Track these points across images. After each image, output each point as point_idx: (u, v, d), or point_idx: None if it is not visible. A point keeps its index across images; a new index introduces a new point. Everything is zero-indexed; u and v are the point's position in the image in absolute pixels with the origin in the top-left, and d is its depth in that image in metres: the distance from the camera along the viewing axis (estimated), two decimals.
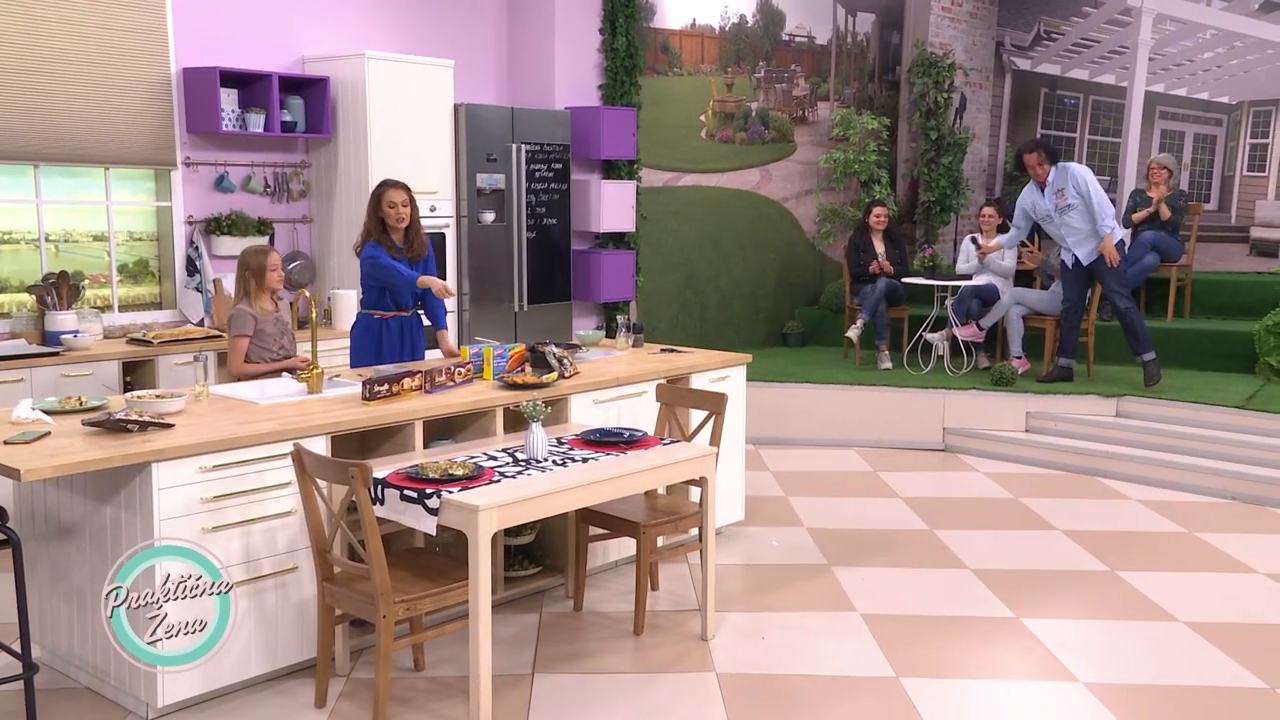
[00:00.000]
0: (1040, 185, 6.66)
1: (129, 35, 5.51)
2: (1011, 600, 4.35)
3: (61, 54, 5.29)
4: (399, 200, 4.69)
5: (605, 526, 4.10)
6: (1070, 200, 6.54)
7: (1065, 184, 6.55)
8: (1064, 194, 6.57)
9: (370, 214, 4.75)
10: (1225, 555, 4.93)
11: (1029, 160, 6.64)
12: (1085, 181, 6.56)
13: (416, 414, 3.78)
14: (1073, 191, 6.54)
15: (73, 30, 5.32)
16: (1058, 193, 6.59)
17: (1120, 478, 6.20)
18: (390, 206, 4.68)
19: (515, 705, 3.42)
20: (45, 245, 5.49)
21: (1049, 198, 6.62)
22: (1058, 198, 6.59)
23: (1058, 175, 6.60)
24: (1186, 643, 3.96)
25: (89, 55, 5.38)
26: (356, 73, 5.95)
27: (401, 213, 4.70)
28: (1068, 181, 6.56)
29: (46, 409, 3.55)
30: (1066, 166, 6.62)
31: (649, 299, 7.79)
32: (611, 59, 7.37)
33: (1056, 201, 6.58)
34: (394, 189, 4.70)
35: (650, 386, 4.56)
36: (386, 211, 4.69)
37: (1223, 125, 9.65)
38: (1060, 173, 6.59)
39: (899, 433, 7.01)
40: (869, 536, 5.15)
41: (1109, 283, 6.66)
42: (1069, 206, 6.55)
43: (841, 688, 3.59)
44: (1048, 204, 6.62)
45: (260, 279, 4.46)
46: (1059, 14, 10.24)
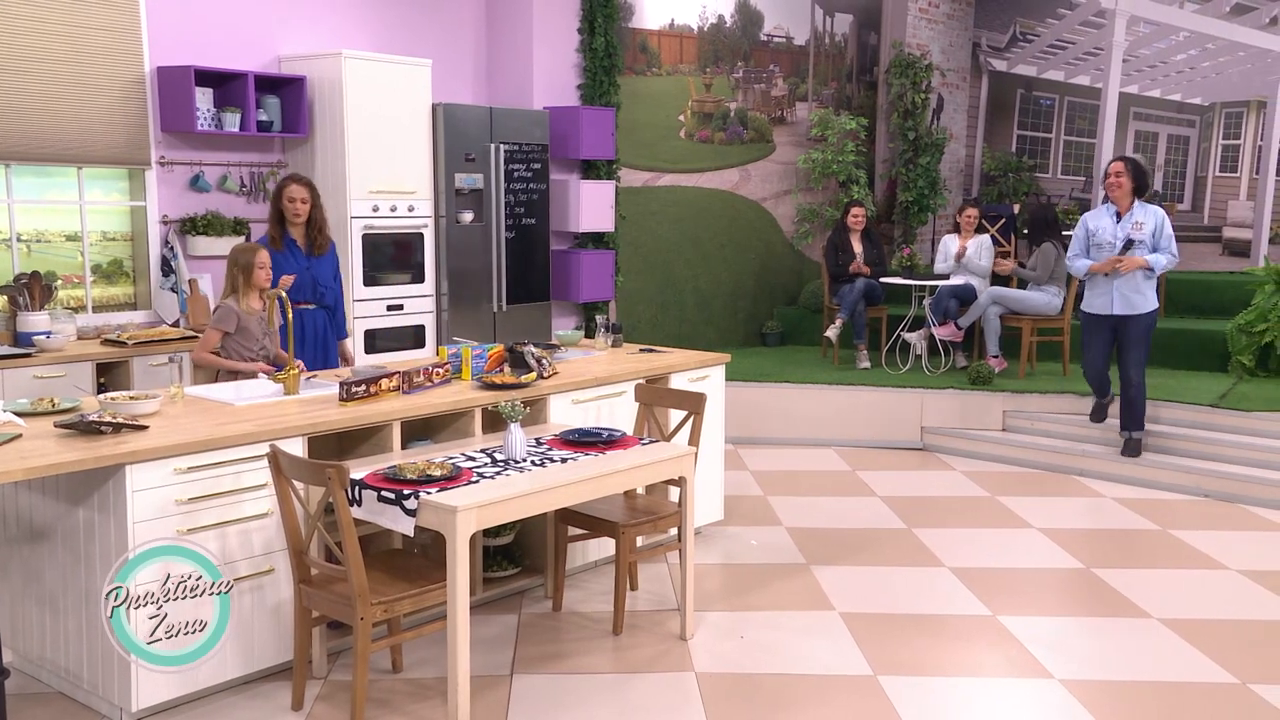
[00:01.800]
0: (1118, 211, 5.84)
1: (102, 33, 5.45)
2: (988, 598, 4.37)
3: (33, 52, 5.23)
4: (299, 196, 4.88)
5: (584, 527, 4.09)
6: (1144, 238, 5.75)
7: (1149, 221, 5.75)
8: (1142, 228, 5.75)
9: (271, 206, 4.97)
10: (1199, 552, 4.98)
11: (1113, 170, 5.80)
12: (1166, 226, 5.79)
13: (394, 415, 3.77)
14: (1150, 233, 5.76)
15: (44, 28, 5.26)
16: (1136, 224, 5.77)
17: (1096, 476, 6.25)
18: (289, 201, 4.86)
19: (494, 706, 3.41)
20: (17, 245, 5.43)
21: (1124, 225, 5.78)
22: (1134, 229, 5.77)
23: (1141, 208, 5.80)
24: (1161, 639, 4.00)
25: (61, 53, 5.32)
26: (333, 72, 5.92)
27: (300, 208, 4.88)
28: (1152, 219, 5.77)
29: (18, 411, 3.51)
30: (1150, 205, 5.86)
31: (628, 299, 7.79)
32: (590, 59, 7.37)
33: (1131, 233, 5.77)
34: (296, 184, 4.89)
35: (629, 386, 4.56)
36: (285, 205, 4.87)
37: (1195, 126, 9.75)
38: (1145, 207, 5.81)
39: (877, 432, 7.04)
40: (847, 536, 5.17)
41: (1135, 351, 5.87)
42: (1141, 244, 5.76)
43: (820, 686, 3.60)
44: (1119, 233, 5.78)
45: (249, 276, 4.45)
46: (1034, 15, 10.32)
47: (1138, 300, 5.80)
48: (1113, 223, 5.83)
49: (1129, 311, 5.81)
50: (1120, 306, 5.82)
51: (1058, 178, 10.34)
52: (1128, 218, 5.78)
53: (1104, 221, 5.87)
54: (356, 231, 6.00)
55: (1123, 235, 5.77)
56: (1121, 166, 5.78)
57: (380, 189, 6.09)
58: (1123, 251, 5.75)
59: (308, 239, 4.97)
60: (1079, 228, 6.00)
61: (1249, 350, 7.11)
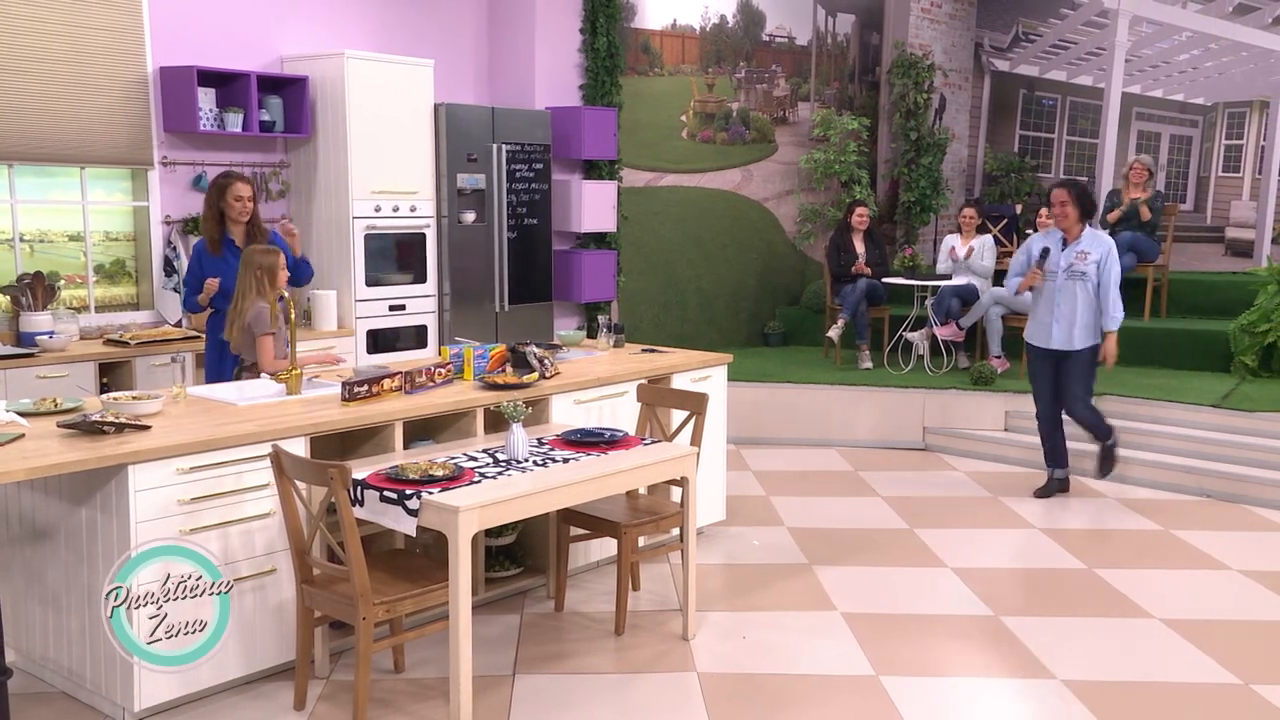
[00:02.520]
0: (1063, 236, 5.49)
1: (104, 33, 5.46)
2: (990, 598, 4.37)
3: (35, 52, 5.24)
4: (245, 194, 4.71)
5: (586, 527, 4.10)
6: (1088, 269, 5.40)
7: (1095, 250, 5.41)
8: (1086, 258, 5.41)
9: (209, 206, 4.74)
10: (1201, 553, 4.97)
11: (1056, 198, 5.43)
12: (1111, 259, 5.43)
13: (396, 415, 3.77)
14: (1095, 263, 5.41)
15: (47, 28, 5.26)
16: (1080, 254, 5.43)
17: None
18: (236, 199, 4.70)
19: (496, 706, 3.41)
20: (20, 245, 5.43)
21: (1069, 253, 5.44)
22: (1078, 259, 5.43)
23: (1091, 236, 5.46)
24: (1163, 639, 4.00)
25: (64, 53, 5.33)
26: (336, 72, 5.92)
27: (246, 206, 4.72)
28: (1099, 248, 5.42)
29: (21, 411, 3.51)
30: (1100, 233, 5.54)
31: (630, 299, 7.80)
32: (592, 59, 7.37)
33: (1074, 262, 5.43)
34: (242, 182, 4.72)
35: (631, 387, 4.56)
36: (231, 204, 4.69)
37: (1198, 126, 9.75)
38: (1095, 236, 5.47)
39: (879, 432, 7.04)
40: (849, 536, 5.16)
41: (1076, 386, 5.54)
42: (1083, 275, 5.41)
43: (822, 686, 3.60)
44: (1061, 260, 5.45)
45: (274, 279, 4.38)
46: (1037, 16, 10.31)
47: (1078, 335, 5.46)
48: (1058, 249, 5.47)
49: (1068, 346, 5.49)
50: (1060, 339, 5.49)
51: (1060, 177, 10.32)
52: (1075, 245, 5.43)
53: (1050, 242, 5.53)
54: (359, 231, 6.01)
55: (1064, 263, 5.43)
56: (1065, 194, 5.39)
57: (382, 189, 6.10)
58: (1038, 263, 5.46)
59: (248, 238, 4.79)
60: (1021, 250, 5.71)
61: (1252, 350, 7.11)
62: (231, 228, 4.77)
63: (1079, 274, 5.41)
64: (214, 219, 4.74)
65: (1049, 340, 5.53)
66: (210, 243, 4.75)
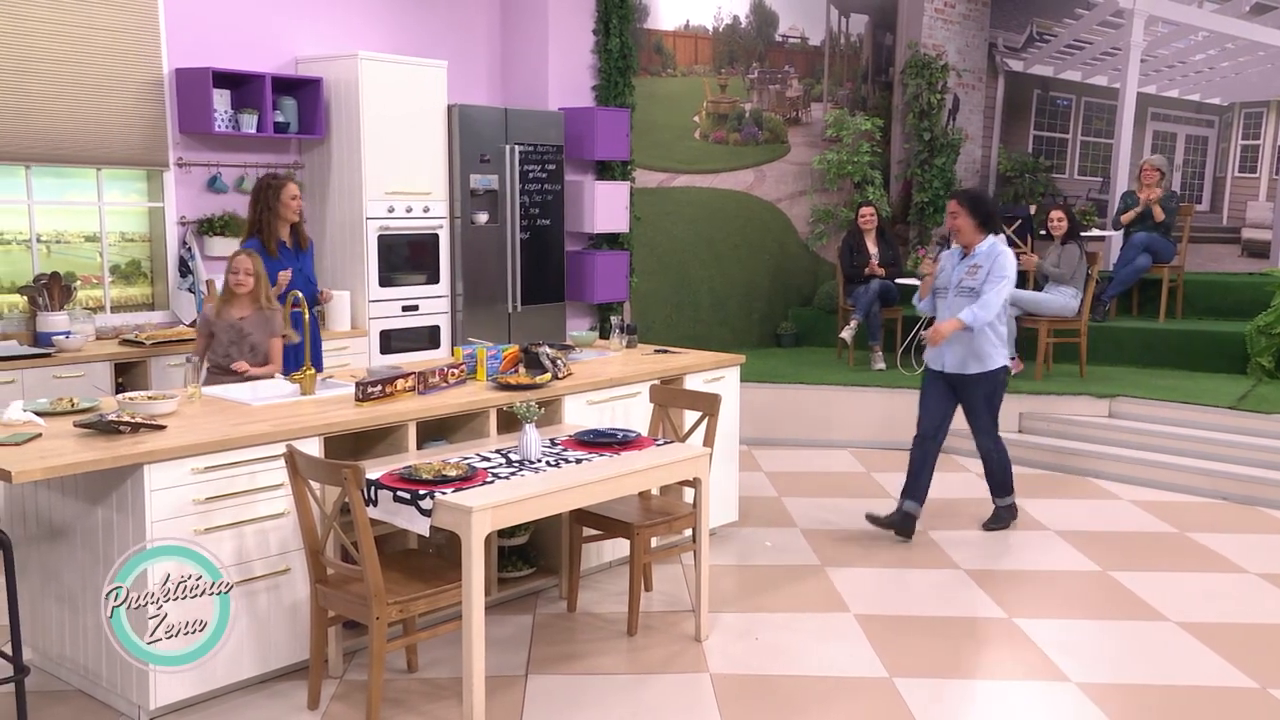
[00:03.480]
0: (963, 248, 4.94)
1: (120, 35, 5.49)
2: (1004, 600, 4.36)
3: (52, 54, 5.27)
4: (298, 193, 4.91)
5: (599, 527, 4.10)
6: (977, 284, 4.82)
7: (988, 265, 4.82)
8: (977, 273, 4.84)
9: (261, 209, 4.84)
10: (1217, 555, 4.94)
11: (949, 209, 4.95)
12: (997, 266, 4.81)
13: (410, 415, 3.78)
14: (985, 276, 4.81)
15: (63, 30, 5.30)
16: (972, 268, 4.87)
17: (1112, 478, 6.22)
18: (292, 199, 4.86)
19: (509, 706, 3.42)
20: (37, 246, 5.47)
21: (961, 268, 4.90)
22: (969, 274, 4.87)
23: (986, 247, 4.87)
24: (1178, 642, 3.97)
25: (80, 56, 5.36)
26: (350, 73, 5.94)
27: (299, 206, 4.91)
28: (992, 263, 4.82)
29: (38, 410, 3.54)
30: (1000, 247, 4.88)
31: (643, 300, 7.80)
32: (605, 60, 7.37)
33: (964, 278, 4.87)
34: (291, 182, 4.89)
35: (644, 387, 4.56)
36: (288, 204, 4.86)
37: (1214, 127, 9.69)
38: (990, 245, 4.87)
39: (892, 433, 7.01)
40: (862, 537, 5.15)
41: (977, 419, 5.04)
42: (972, 291, 4.83)
43: (835, 688, 3.59)
44: (954, 276, 4.92)
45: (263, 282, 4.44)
46: (1051, 15, 10.27)
47: (971, 360, 4.88)
48: (953, 263, 4.96)
49: (961, 370, 4.91)
50: (952, 363, 4.92)
51: (1074, 178, 10.29)
52: (969, 258, 4.89)
53: (948, 260, 5.00)
54: (372, 232, 6.03)
55: (956, 279, 4.90)
56: (955, 205, 4.90)
57: (396, 190, 6.11)
58: (955, 292, 4.90)
59: (295, 236, 4.95)
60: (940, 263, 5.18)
61: (1268, 352, 7.06)
62: (280, 228, 4.86)
63: (968, 290, 4.83)
64: (270, 222, 4.83)
65: (941, 362, 4.98)
66: (269, 246, 4.83)
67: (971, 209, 4.87)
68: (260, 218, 4.86)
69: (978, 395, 4.98)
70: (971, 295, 4.82)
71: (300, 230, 5.01)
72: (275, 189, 4.84)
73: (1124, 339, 7.74)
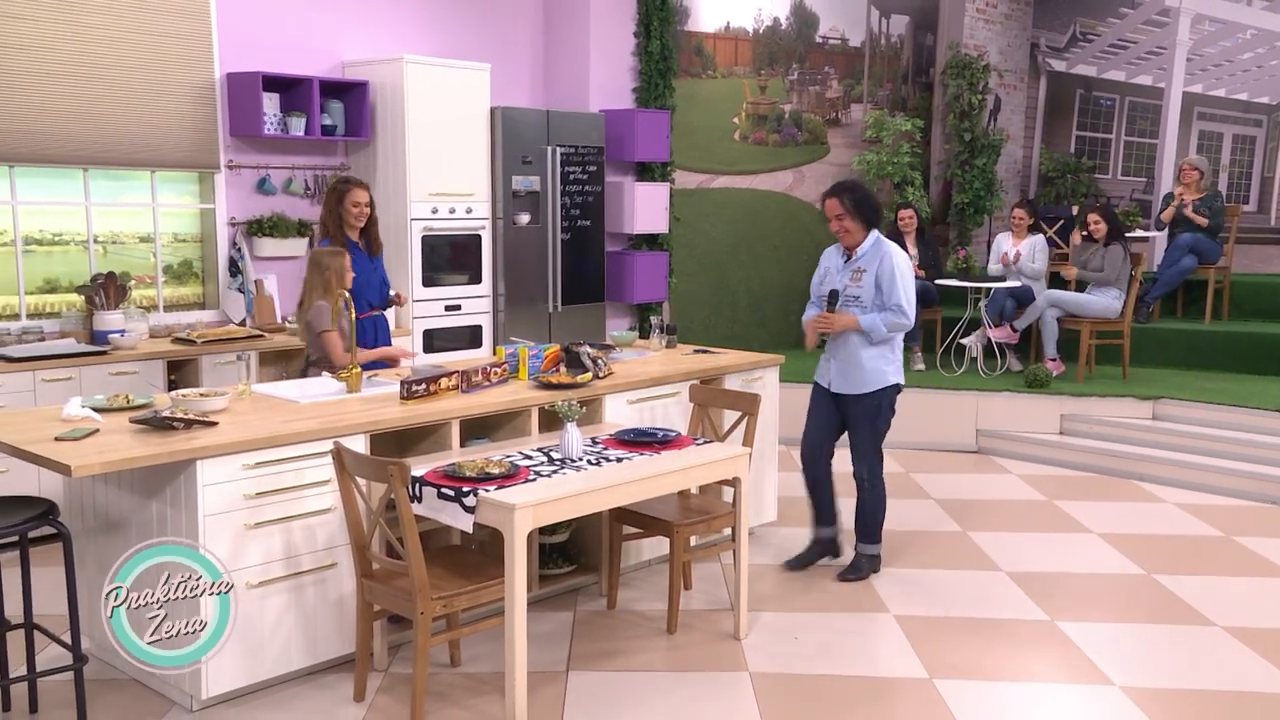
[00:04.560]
0: (846, 250, 4.40)
1: (174, 41, 5.59)
2: (1045, 603, 4.30)
3: (109, 60, 5.38)
4: (363, 200, 4.79)
5: (639, 526, 4.10)
6: (861, 292, 4.31)
7: (875, 268, 4.29)
8: (861, 278, 4.31)
9: (330, 211, 4.80)
10: (1264, 560, 4.84)
11: (828, 211, 4.34)
12: (884, 268, 4.27)
13: (453, 413, 3.81)
14: (873, 281, 4.27)
15: (120, 37, 5.40)
16: (855, 273, 4.33)
17: (1156, 481, 6.11)
18: (354, 205, 4.76)
19: (550, 702, 3.43)
20: (94, 247, 5.58)
21: (844, 274, 4.37)
22: (853, 279, 4.34)
23: (869, 246, 4.33)
24: (1224, 647, 3.90)
25: (136, 61, 5.47)
26: (395, 77, 6.00)
27: (365, 212, 4.80)
28: (876, 265, 4.29)
29: (95, 407, 3.61)
30: (883, 243, 4.33)
31: (682, 300, 7.79)
32: (645, 62, 7.38)
33: (848, 284, 4.34)
34: (360, 188, 4.80)
35: (683, 387, 4.56)
36: (349, 209, 4.76)
37: (1262, 126, 9.48)
38: (873, 245, 4.33)
39: (932, 434, 6.95)
40: (901, 538, 5.11)
41: (861, 438, 4.42)
42: (856, 300, 4.31)
43: (875, 689, 3.56)
44: (838, 279, 4.39)
45: (342, 279, 4.46)
46: (1095, 15, 10.11)
47: (856, 375, 4.36)
48: (837, 266, 4.42)
49: (846, 390, 4.40)
50: (837, 380, 4.43)
51: (1118, 179, 10.13)
52: (852, 262, 4.34)
53: (833, 262, 4.44)
54: (416, 233, 6.08)
55: (840, 286, 4.36)
56: (836, 205, 4.30)
57: (439, 191, 6.16)
58: (828, 307, 4.35)
59: (366, 241, 4.92)
60: (819, 266, 4.60)
61: None
62: (349, 232, 4.81)
63: (852, 298, 4.31)
64: (335, 224, 4.78)
65: (827, 379, 4.49)
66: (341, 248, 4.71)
67: (856, 207, 4.28)
68: (327, 221, 4.83)
69: (858, 414, 4.40)
70: (856, 304, 4.30)
71: (373, 235, 4.90)
72: (340, 193, 4.78)
73: (1168, 340, 7.60)
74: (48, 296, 5.47)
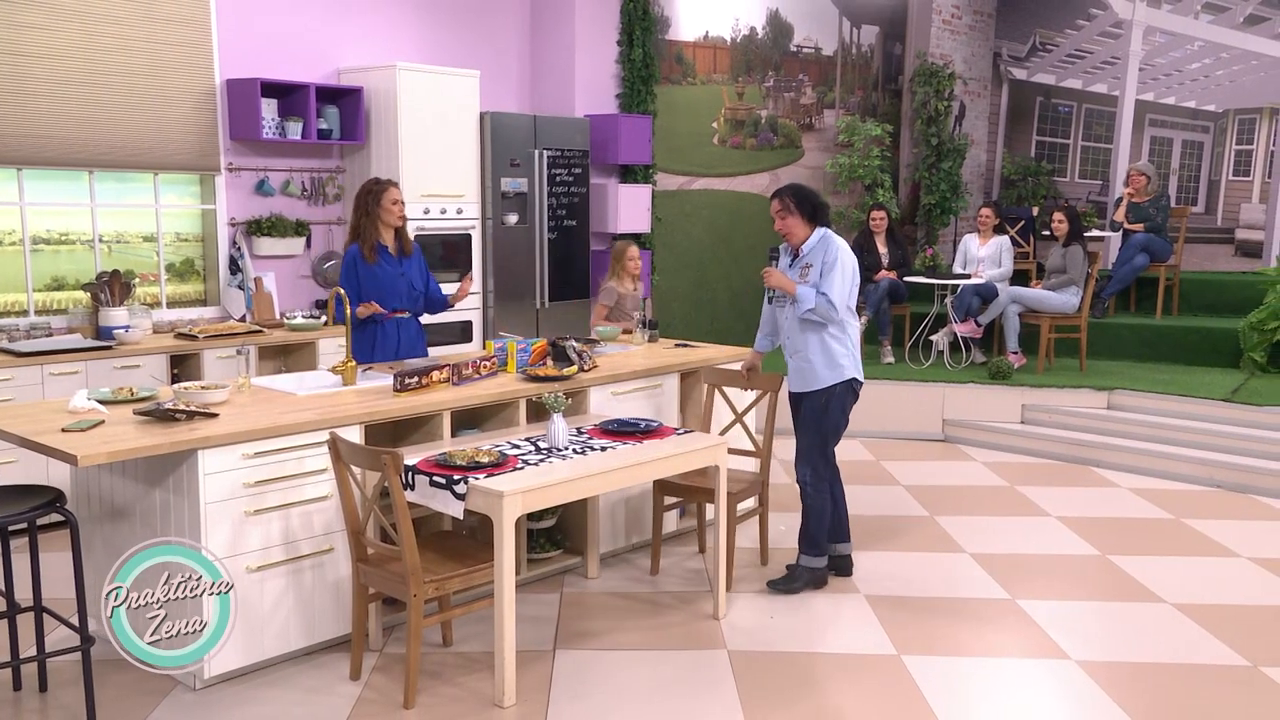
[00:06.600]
0: (793, 249, 4.14)
1: (176, 49, 5.53)
2: (1007, 583, 4.33)
3: (114, 68, 5.32)
4: (400, 198, 4.55)
5: (682, 495, 4.32)
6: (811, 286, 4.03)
7: (817, 261, 4.04)
8: (808, 273, 4.05)
9: (363, 212, 4.51)
10: (1211, 540, 4.89)
11: (772, 210, 4.12)
12: (827, 261, 4.00)
13: (445, 405, 3.79)
14: (818, 274, 4.02)
15: (125, 45, 5.35)
16: (804, 269, 4.07)
17: (1111, 467, 6.16)
18: (393, 203, 4.51)
19: (538, 678, 3.43)
20: (99, 246, 5.53)
21: (793, 271, 4.12)
22: (801, 275, 4.07)
23: (815, 241, 4.07)
24: (1174, 623, 3.94)
25: (140, 68, 5.41)
26: (388, 83, 5.96)
27: (402, 210, 4.56)
28: (820, 259, 4.03)
29: (100, 399, 3.58)
30: (830, 238, 4.07)
31: (664, 296, 7.79)
32: (629, 69, 7.36)
33: (797, 280, 4.08)
34: (394, 187, 4.54)
35: (665, 379, 4.57)
36: (389, 209, 4.50)
37: (1209, 132, 9.56)
38: (819, 240, 4.06)
39: (901, 424, 6.99)
40: (872, 522, 5.13)
41: (809, 443, 4.15)
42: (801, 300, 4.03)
43: (846, 665, 3.58)
44: (791, 275, 4.11)
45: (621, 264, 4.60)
46: (1054, 26, 10.16)
47: (807, 372, 4.10)
48: (787, 265, 4.17)
49: (799, 388, 4.16)
50: (793, 379, 4.18)
51: (1075, 181, 10.20)
52: (799, 259, 4.10)
53: (783, 261, 4.18)
54: (409, 233, 6.04)
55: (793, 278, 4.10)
56: (779, 203, 4.08)
57: (431, 192, 6.13)
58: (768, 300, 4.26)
59: (398, 242, 4.60)
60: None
61: (1260, 347, 6.98)
62: (383, 232, 4.53)
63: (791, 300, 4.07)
64: (372, 227, 4.48)
65: (790, 380, 4.24)
66: (368, 250, 4.50)
67: (798, 202, 4.05)
68: (360, 223, 4.51)
69: (805, 412, 4.15)
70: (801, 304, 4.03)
71: (404, 236, 4.61)
72: (376, 194, 4.48)
73: (1123, 335, 7.67)
74: (55, 294, 5.42)
